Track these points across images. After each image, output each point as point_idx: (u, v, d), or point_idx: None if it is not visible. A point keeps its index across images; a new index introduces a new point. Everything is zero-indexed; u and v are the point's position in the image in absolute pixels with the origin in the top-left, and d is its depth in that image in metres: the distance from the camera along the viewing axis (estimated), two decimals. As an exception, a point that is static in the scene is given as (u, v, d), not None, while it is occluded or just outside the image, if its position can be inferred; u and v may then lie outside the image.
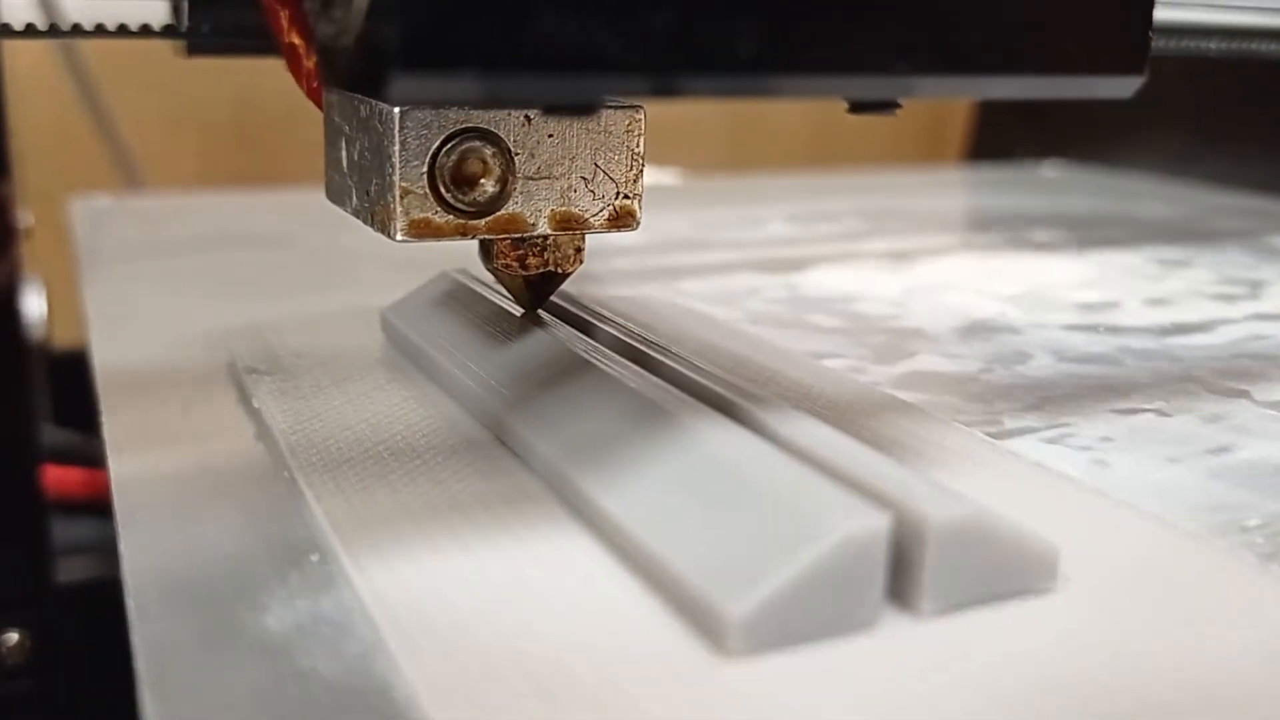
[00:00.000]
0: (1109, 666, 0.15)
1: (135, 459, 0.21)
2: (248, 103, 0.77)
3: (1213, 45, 0.54)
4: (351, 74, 0.17)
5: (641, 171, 0.22)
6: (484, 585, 0.16)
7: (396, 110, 0.19)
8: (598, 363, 0.21)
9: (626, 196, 0.22)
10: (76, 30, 0.29)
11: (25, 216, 0.61)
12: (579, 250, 0.23)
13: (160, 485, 0.20)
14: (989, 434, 0.24)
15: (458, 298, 0.27)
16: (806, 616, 0.15)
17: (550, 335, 0.23)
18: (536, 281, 0.24)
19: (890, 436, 0.22)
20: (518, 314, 0.25)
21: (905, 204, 0.56)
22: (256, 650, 0.15)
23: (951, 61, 0.18)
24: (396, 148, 0.19)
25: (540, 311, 0.25)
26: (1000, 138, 0.72)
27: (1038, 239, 0.48)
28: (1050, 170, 0.68)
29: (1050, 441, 0.24)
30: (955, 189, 0.64)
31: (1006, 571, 0.16)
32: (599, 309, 0.26)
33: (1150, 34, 0.20)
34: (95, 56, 0.70)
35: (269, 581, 0.16)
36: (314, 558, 0.17)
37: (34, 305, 0.59)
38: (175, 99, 0.75)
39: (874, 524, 0.15)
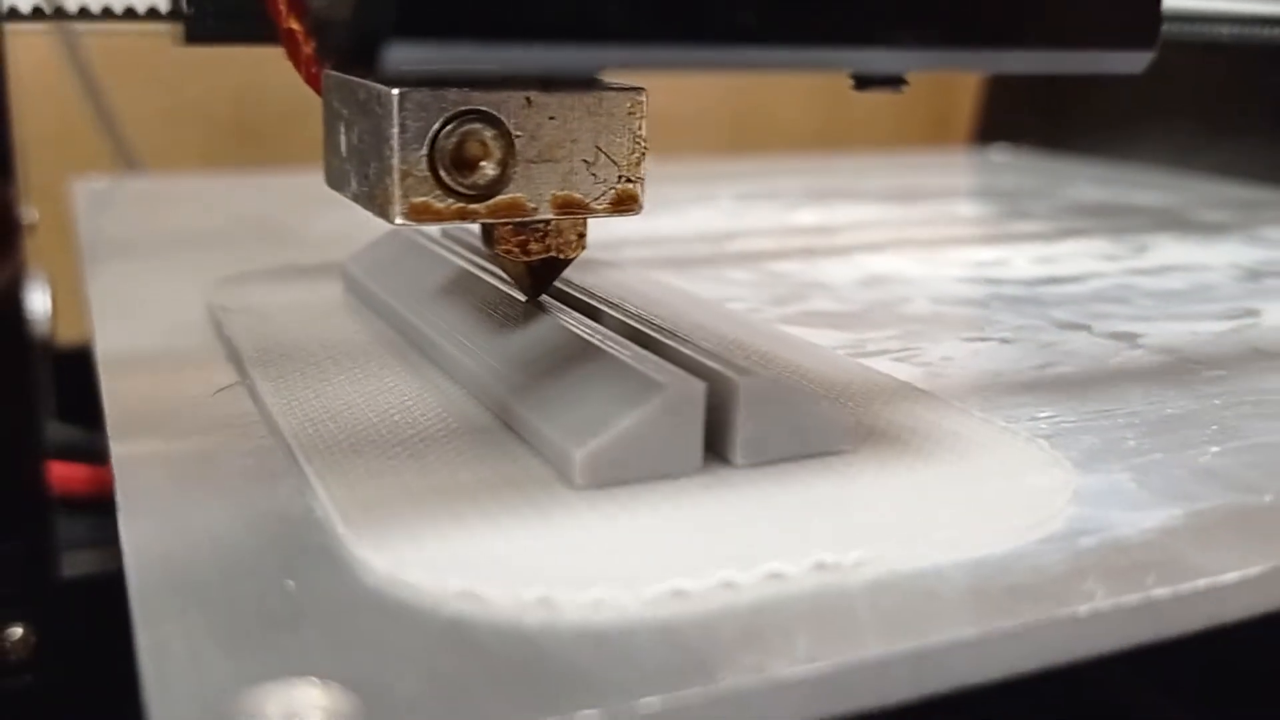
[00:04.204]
0: (879, 505, 0.18)
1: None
2: (250, 98, 0.77)
3: (1224, 31, 0.54)
4: (346, 47, 0.17)
5: (644, 155, 0.21)
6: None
7: (395, 92, 0.19)
8: (605, 346, 0.21)
9: (629, 180, 0.21)
10: (82, 14, 0.29)
11: (29, 212, 0.60)
12: (581, 235, 0.23)
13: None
14: (850, 353, 0.27)
15: (424, 258, 0.28)
16: (638, 460, 0.18)
17: (555, 320, 0.23)
18: (538, 267, 0.23)
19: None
20: (489, 282, 0.25)
21: (848, 183, 0.58)
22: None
23: (961, 35, 0.18)
24: (395, 130, 0.19)
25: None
26: (1007, 129, 0.72)
27: (961, 211, 0.52)
28: (998, 155, 0.70)
29: (898, 359, 0.27)
30: (900, 170, 0.65)
31: (808, 433, 0.20)
32: (599, 292, 0.26)
33: (1161, 7, 0.19)
34: (98, 53, 0.70)
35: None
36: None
37: (39, 302, 0.59)
38: (178, 95, 0.75)
39: (692, 387, 0.19)
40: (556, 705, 0.12)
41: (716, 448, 0.19)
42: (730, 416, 0.19)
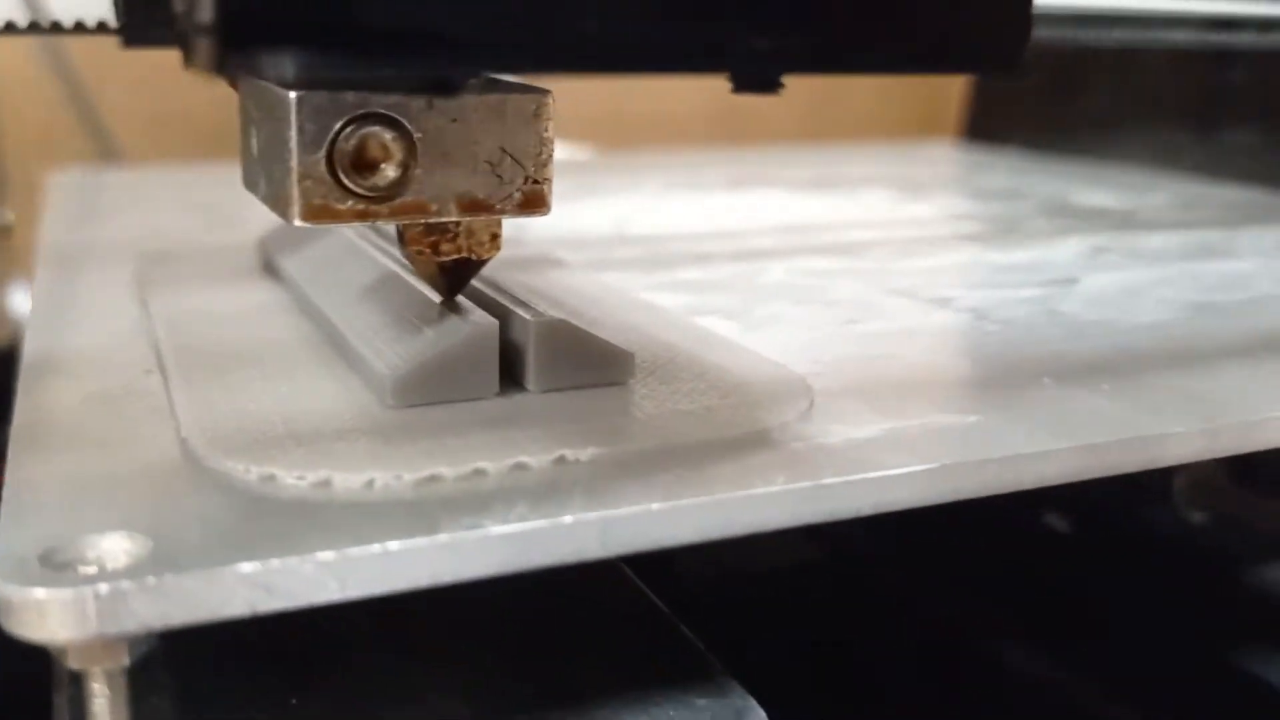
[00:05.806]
0: (632, 419, 0.22)
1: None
2: (235, 101, 0.80)
3: (1180, 37, 0.55)
4: (198, 50, 0.18)
5: (551, 156, 0.22)
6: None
7: (293, 95, 0.20)
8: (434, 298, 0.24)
9: (535, 181, 0.22)
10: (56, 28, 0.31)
11: (5, 214, 0.63)
12: (495, 236, 0.23)
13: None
14: (688, 313, 0.30)
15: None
16: (442, 385, 0.22)
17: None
18: (451, 268, 0.24)
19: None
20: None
21: (773, 172, 0.61)
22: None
23: (819, 42, 0.19)
24: (293, 132, 0.20)
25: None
26: (994, 129, 0.73)
27: (863, 198, 0.54)
28: (937, 148, 0.74)
29: (726, 318, 0.30)
30: (828, 161, 0.68)
31: (594, 367, 0.23)
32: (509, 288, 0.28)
33: (1030, 16, 0.20)
34: (83, 55, 0.74)
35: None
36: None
37: (18, 303, 0.60)
38: (162, 98, 0.78)
39: (487, 324, 0.22)
40: (307, 548, 0.16)
41: (517, 378, 0.23)
42: (525, 351, 0.23)
